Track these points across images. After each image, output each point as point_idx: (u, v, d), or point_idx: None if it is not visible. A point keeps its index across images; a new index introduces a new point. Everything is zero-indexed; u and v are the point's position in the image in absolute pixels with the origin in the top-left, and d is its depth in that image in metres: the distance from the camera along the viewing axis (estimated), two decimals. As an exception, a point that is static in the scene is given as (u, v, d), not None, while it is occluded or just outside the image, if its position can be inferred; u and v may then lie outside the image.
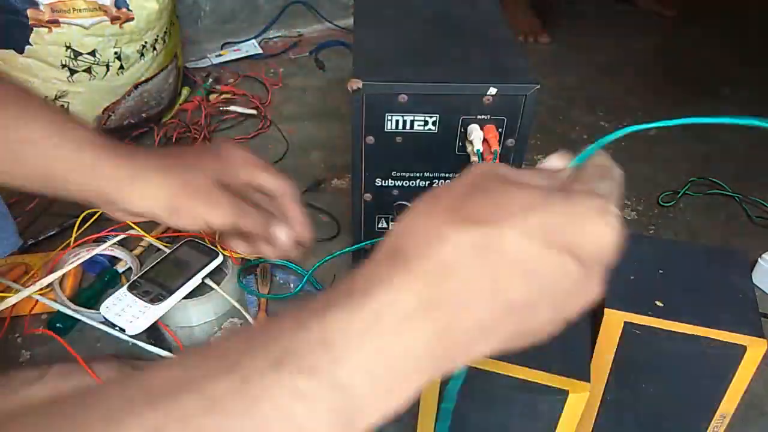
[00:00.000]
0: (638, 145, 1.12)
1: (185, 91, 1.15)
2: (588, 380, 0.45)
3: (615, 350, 0.52)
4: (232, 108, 1.14)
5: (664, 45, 1.52)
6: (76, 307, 0.73)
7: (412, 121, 0.66)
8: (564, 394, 0.45)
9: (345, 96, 1.20)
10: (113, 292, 0.74)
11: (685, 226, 0.94)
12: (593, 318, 0.52)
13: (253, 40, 1.39)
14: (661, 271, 0.55)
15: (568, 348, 0.47)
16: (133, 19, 0.91)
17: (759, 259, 0.82)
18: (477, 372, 0.46)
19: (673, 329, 0.50)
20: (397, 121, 0.66)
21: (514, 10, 1.49)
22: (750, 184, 1.01)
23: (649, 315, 0.50)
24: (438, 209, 0.30)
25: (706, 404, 0.53)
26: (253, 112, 1.14)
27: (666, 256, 0.57)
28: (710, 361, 0.50)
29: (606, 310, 0.51)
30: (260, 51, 1.36)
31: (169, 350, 0.71)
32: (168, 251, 0.77)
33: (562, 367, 0.46)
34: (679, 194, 0.98)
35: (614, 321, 0.51)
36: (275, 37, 1.44)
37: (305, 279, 0.78)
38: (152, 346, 0.71)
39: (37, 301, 0.73)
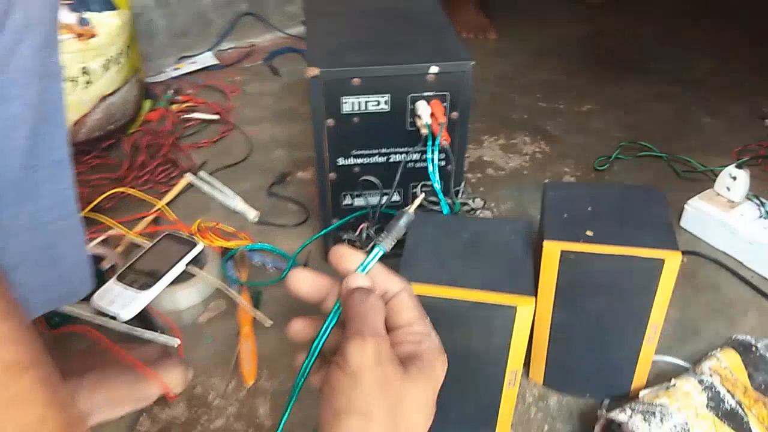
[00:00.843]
0: (573, 118, 1.23)
1: (147, 104, 1.21)
2: (532, 295, 0.54)
3: (556, 276, 0.60)
4: (195, 115, 1.20)
5: (592, 31, 1.64)
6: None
7: (366, 102, 0.74)
8: (513, 309, 0.53)
9: (301, 98, 1.28)
10: (101, 286, 0.80)
11: (620, 186, 1.04)
12: (534, 251, 0.61)
13: (209, 52, 1.45)
14: (590, 208, 0.64)
15: (513, 274, 0.56)
16: (96, 35, 0.97)
17: (685, 205, 0.92)
18: (439, 299, 0.54)
19: (602, 252, 0.59)
20: (353, 103, 0.73)
21: (459, 11, 1.59)
22: (676, 145, 1.13)
23: (581, 242, 0.59)
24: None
25: (639, 316, 0.62)
26: (216, 117, 1.20)
27: (594, 196, 0.66)
28: (636, 276, 0.59)
29: (545, 242, 0.60)
30: (216, 62, 1.42)
31: (163, 331, 0.77)
32: (150, 245, 0.83)
33: (511, 288, 0.54)
34: (611, 158, 1.08)
35: (552, 251, 0.59)
36: (229, 49, 1.50)
37: (289, 265, 0.84)
38: (144, 330, 0.77)
39: (30, 299, 0.78)
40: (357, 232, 0.80)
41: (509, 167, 1.08)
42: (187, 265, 0.81)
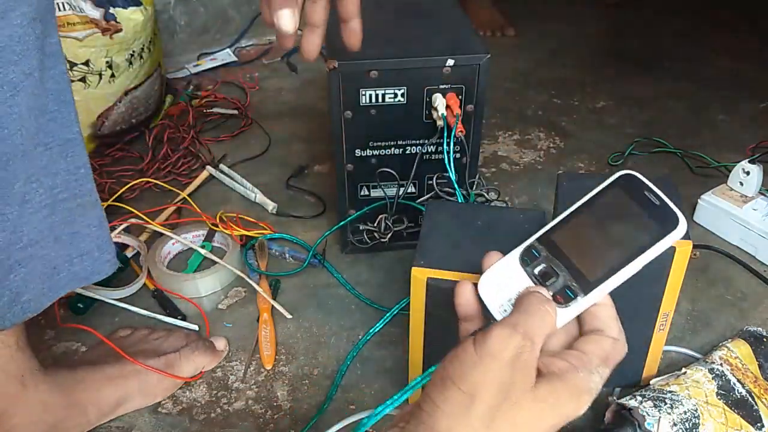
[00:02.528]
0: (587, 115, 1.24)
1: (169, 98, 1.23)
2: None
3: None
4: (215, 110, 1.22)
5: (607, 29, 1.64)
6: (94, 287, 0.80)
7: (383, 95, 0.75)
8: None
9: (318, 94, 1.31)
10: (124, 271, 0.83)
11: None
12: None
13: (228, 50, 1.48)
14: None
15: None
16: (121, 30, 1.00)
17: (699, 200, 0.93)
18: (453, 283, 0.55)
19: (614, 240, 0.60)
20: (370, 96, 0.75)
21: (476, 9, 1.61)
22: (690, 141, 1.13)
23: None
24: (472, 420, 0.37)
25: (650, 304, 0.63)
26: (235, 112, 1.23)
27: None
28: (648, 265, 0.60)
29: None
30: (235, 59, 1.45)
31: (184, 318, 0.79)
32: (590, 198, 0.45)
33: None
34: (626, 153, 1.09)
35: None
36: (248, 46, 1.53)
37: (309, 255, 0.86)
38: (168, 317, 0.79)
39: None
40: (376, 223, 0.82)
41: (523, 162, 1.10)
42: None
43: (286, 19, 0.55)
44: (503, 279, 0.44)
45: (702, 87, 1.33)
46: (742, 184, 0.90)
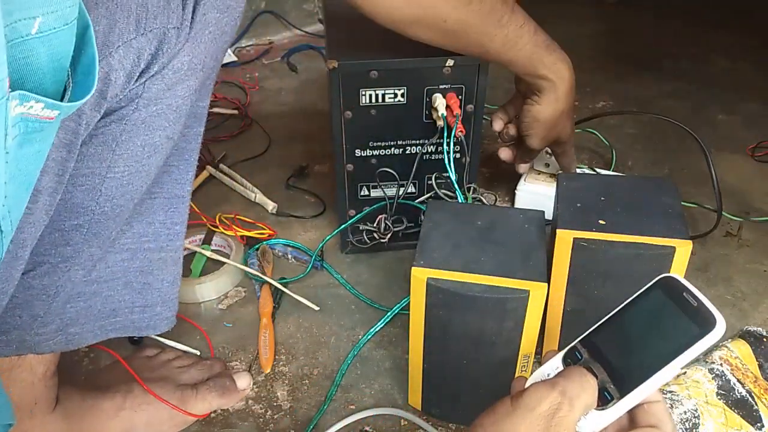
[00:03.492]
0: (587, 115, 1.24)
1: (169, 99, 1.23)
2: (545, 281, 0.55)
3: (569, 264, 0.62)
4: (215, 110, 1.22)
5: (607, 29, 1.64)
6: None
7: (383, 95, 0.75)
8: (526, 293, 0.54)
9: (318, 94, 1.30)
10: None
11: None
12: (550, 239, 0.62)
13: (228, 50, 1.47)
14: (602, 198, 0.65)
15: (527, 260, 0.57)
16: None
17: (516, 192, 0.98)
18: (453, 283, 0.55)
19: (614, 240, 0.60)
20: (370, 96, 0.75)
21: None
22: (689, 142, 1.13)
23: (594, 231, 0.61)
24: None
25: (649, 304, 0.63)
26: (235, 112, 1.23)
27: (606, 186, 0.67)
28: (647, 264, 0.60)
29: (558, 230, 0.61)
30: (235, 59, 1.45)
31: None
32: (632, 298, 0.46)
33: (524, 274, 0.56)
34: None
35: (565, 239, 0.61)
36: (248, 46, 1.53)
37: (311, 262, 0.86)
38: (175, 342, 0.75)
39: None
40: (375, 223, 0.82)
41: (523, 162, 1.10)
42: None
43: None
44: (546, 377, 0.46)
45: (702, 87, 1.33)
46: (548, 165, 0.95)
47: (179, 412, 0.64)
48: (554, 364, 0.46)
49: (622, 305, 0.46)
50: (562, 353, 0.46)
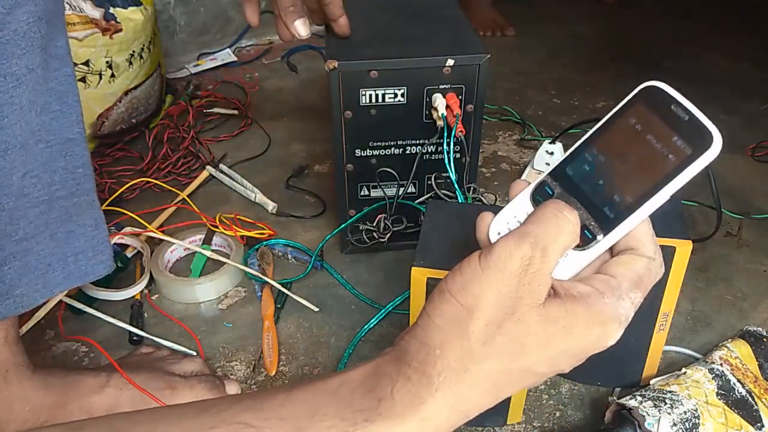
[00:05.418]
0: (587, 115, 1.24)
1: (169, 98, 1.23)
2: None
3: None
4: (215, 110, 1.22)
5: (607, 28, 1.65)
6: (94, 289, 0.80)
7: (383, 95, 0.75)
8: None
9: (318, 94, 1.30)
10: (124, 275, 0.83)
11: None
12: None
13: (228, 50, 1.48)
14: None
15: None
16: (121, 30, 1.00)
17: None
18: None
19: (614, 240, 0.60)
20: (370, 96, 0.75)
21: (476, 10, 1.61)
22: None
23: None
24: (468, 336, 0.35)
25: (650, 304, 0.63)
26: (235, 112, 1.23)
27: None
28: (647, 265, 0.60)
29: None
30: (235, 59, 1.45)
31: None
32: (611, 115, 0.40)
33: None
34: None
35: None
36: (248, 46, 1.53)
37: (312, 262, 0.86)
38: (163, 340, 0.76)
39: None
40: (375, 223, 0.82)
41: (523, 162, 1.10)
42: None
43: (301, 29, 0.76)
44: (514, 221, 0.39)
45: (702, 87, 1.32)
46: (548, 164, 0.94)
47: (160, 403, 0.63)
48: (523, 206, 0.39)
49: (598, 125, 0.39)
50: (529, 190, 0.39)
